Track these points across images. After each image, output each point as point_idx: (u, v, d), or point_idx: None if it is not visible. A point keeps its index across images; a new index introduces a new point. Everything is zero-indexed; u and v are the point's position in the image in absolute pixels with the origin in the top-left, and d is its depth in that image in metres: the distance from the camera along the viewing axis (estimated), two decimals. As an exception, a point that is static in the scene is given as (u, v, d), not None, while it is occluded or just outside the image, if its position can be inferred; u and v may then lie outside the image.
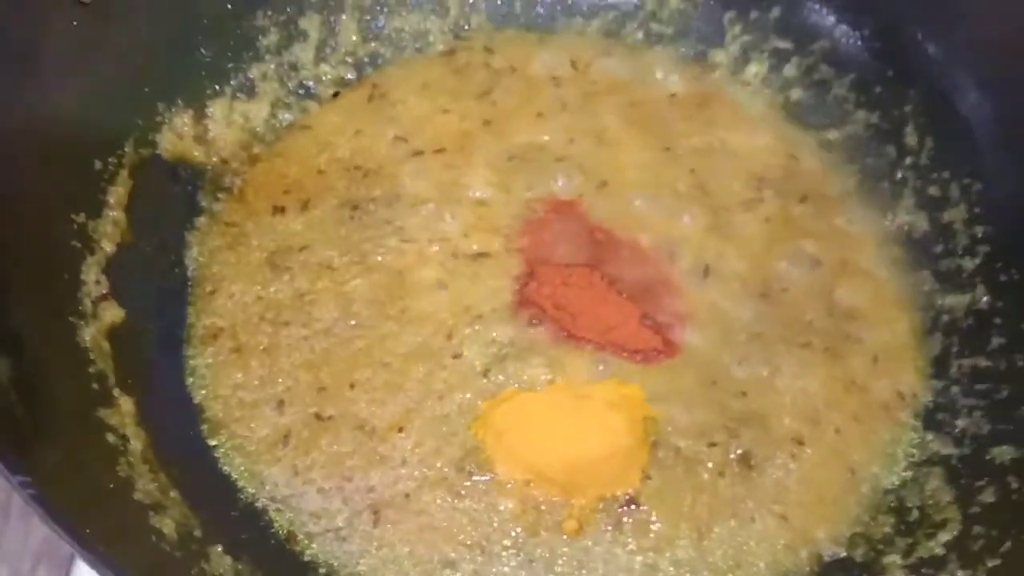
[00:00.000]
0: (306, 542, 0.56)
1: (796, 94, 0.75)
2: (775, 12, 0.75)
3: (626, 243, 0.68)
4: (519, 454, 0.58)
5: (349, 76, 0.76)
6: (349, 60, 0.76)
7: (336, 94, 0.75)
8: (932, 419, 0.61)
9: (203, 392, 0.60)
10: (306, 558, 0.55)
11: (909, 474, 0.60)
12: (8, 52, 0.52)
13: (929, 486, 0.58)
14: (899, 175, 0.70)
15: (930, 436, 0.61)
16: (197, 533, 0.51)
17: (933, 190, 0.69)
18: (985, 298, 0.64)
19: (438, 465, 0.58)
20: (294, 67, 0.74)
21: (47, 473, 0.41)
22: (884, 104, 0.72)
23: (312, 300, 0.64)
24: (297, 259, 0.66)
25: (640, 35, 0.79)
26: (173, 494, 0.51)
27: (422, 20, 0.78)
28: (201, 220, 0.67)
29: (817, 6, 0.73)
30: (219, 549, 0.50)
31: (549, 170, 0.71)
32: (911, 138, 0.70)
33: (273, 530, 0.56)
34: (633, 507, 0.57)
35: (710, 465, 0.59)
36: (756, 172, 0.72)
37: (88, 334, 0.54)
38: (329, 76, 0.75)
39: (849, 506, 0.58)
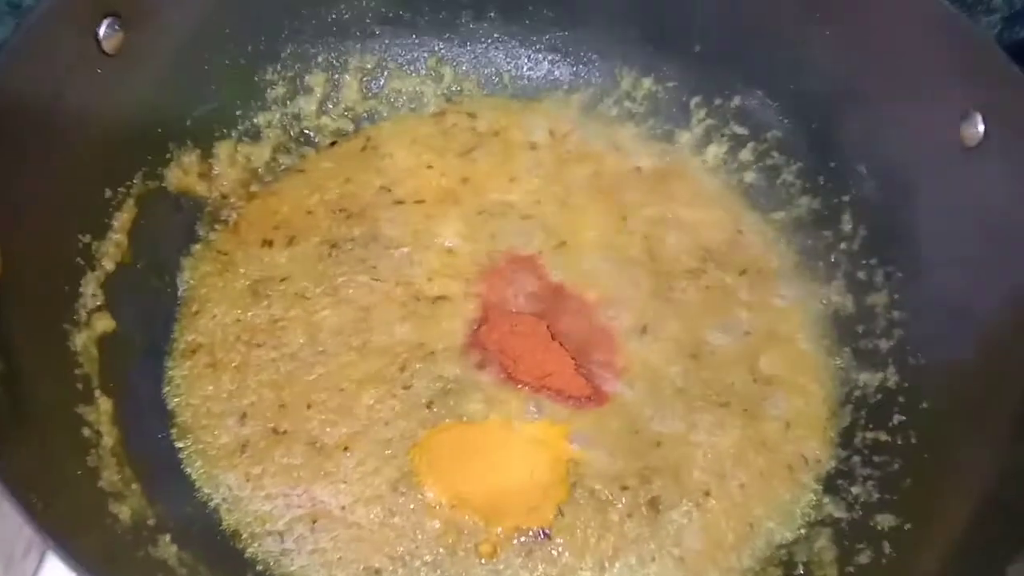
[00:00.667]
0: (249, 540, 0.62)
1: (749, 176, 0.82)
2: (735, 101, 0.82)
3: (575, 298, 0.75)
4: (448, 480, 0.65)
5: (347, 128, 0.84)
6: (348, 115, 0.84)
7: (333, 143, 0.83)
8: (832, 484, 0.66)
9: (176, 400, 0.67)
10: (247, 555, 0.62)
11: (803, 532, 0.65)
12: (39, 92, 0.61)
13: (817, 544, 0.63)
14: (833, 258, 0.76)
15: (827, 499, 0.66)
16: (150, 522, 0.57)
17: (861, 274, 0.74)
18: (894, 378, 0.69)
19: (376, 483, 0.65)
20: (297, 117, 0.82)
21: (16, 457, 0.48)
22: (825, 192, 0.78)
23: (284, 326, 0.71)
24: (277, 288, 0.74)
25: (615, 111, 0.86)
26: (134, 486, 0.58)
27: (419, 83, 0.86)
28: (196, 247, 0.75)
29: (770, 101, 0.80)
30: (167, 538, 0.57)
31: (514, 227, 0.79)
32: (847, 225, 0.76)
33: (221, 527, 0.62)
34: (545, 538, 0.63)
35: (620, 506, 0.64)
36: (703, 244, 0.78)
37: (79, 340, 0.62)
38: (328, 127, 0.83)
39: (743, 556, 0.64)
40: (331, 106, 0.84)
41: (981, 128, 0.63)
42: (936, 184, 0.69)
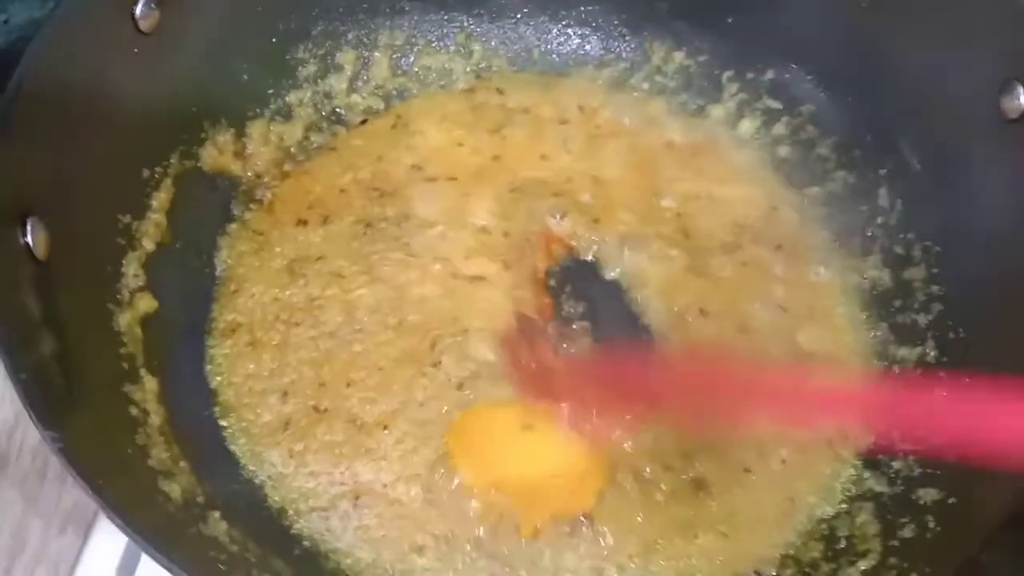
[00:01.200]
0: (295, 517, 0.63)
1: (783, 151, 0.81)
2: (769, 75, 0.81)
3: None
4: (483, 466, 0.65)
5: (377, 106, 0.83)
6: (378, 92, 0.84)
7: (363, 121, 0.83)
8: (872, 458, 0.67)
9: (218, 378, 0.68)
10: (293, 532, 0.62)
11: (844, 507, 0.65)
12: (78, 73, 0.61)
13: (859, 519, 0.63)
14: (870, 232, 0.76)
15: (867, 474, 0.66)
16: (200, 499, 0.58)
17: (899, 249, 0.74)
18: (933, 352, 0.69)
19: (415, 462, 0.65)
20: (328, 96, 0.82)
21: (76, 435, 0.48)
22: (862, 166, 0.77)
23: (321, 305, 0.72)
24: (313, 267, 0.74)
25: (645, 86, 0.85)
26: (182, 464, 0.59)
27: (448, 60, 0.85)
28: (232, 227, 0.75)
29: (806, 74, 0.79)
30: (217, 515, 0.58)
31: (547, 204, 0.78)
32: (883, 199, 0.75)
33: (267, 504, 0.63)
34: (587, 520, 0.63)
35: (663, 487, 0.64)
36: (737, 220, 0.78)
37: (123, 320, 0.62)
38: (359, 105, 0.83)
39: (785, 531, 0.64)
40: (361, 84, 0.83)
41: (1023, 100, 0.63)
42: (975, 157, 0.68)
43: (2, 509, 0.73)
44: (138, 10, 0.64)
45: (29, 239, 0.54)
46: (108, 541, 0.66)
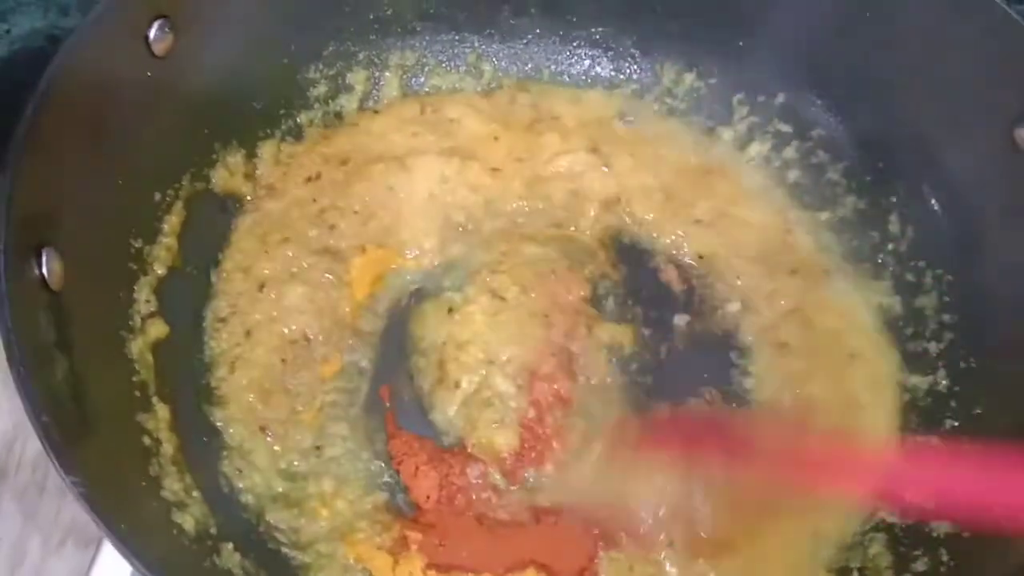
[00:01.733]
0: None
1: (793, 174, 0.81)
2: (780, 98, 0.81)
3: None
4: None
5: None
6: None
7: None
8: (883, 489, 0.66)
9: (229, 405, 0.68)
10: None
11: (856, 537, 0.65)
12: (93, 96, 0.60)
13: (872, 550, 0.64)
14: (880, 259, 0.76)
15: (880, 504, 0.66)
16: (212, 531, 0.58)
17: (910, 276, 0.74)
18: (944, 381, 0.69)
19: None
20: (339, 116, 0.81)
21: (90, 469, 0.48)
22: (872, 192, 0.77)
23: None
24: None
25: (656, 107, 0.85)
26: (195, 494, 0.59)
27: (458, 80, 0.85)
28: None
29: (816, 99, 0.79)
30: (230, 547, 0.57)
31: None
32: (894, 226, 0.76)
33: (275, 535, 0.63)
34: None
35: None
36: (752, 243, 0.78)
37: (135, 347, 0.62)
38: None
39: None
40: (371, 104, 0.83)
41: (1036, 131, 0.63)
42: (987, 187, 0.68)
43: (1, 522, 0.73)
44: (152, 34, 0.63)
45: (44, 270, 0.53)
46: (117, 557, 0.65)
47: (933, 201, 0.72)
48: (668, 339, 0.75)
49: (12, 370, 0.46)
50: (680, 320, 0.76)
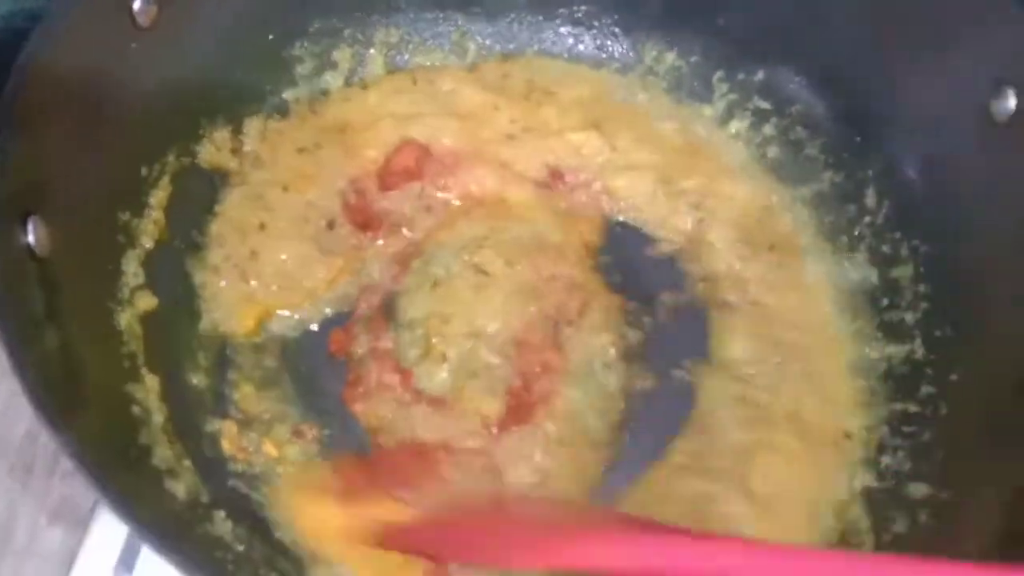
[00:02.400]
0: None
1: (773, 151, 0.82)
2: (759, 75, 0.82)
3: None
4: None
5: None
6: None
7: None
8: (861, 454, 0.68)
9: (218, 377, 0.68)
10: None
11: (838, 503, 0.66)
12: (77, 68, 0.60)
13: (851, 514, 0.65)
14: (857, 232, 0.77)
15: (858, 470, 0.68)
16: (204, 499, 0.58)
17: (886, 248, 0.75)
18: (921, 350, 0.70)
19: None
20: (324, 92, 0.82)
21: (82, 434, 0.48)
22: (849, 167, 0.78)
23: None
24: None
25: (641, 84, 0.86)
26: (186, 463, 0.59)
27: (443, 58, 0.85)
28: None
29: (795, 75, 0.80)
30: (222, 514, 0.58)
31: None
32: (871, 200, 0.77)
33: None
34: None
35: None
36: (732, 218, 0.79)
37: (124, 319, 0.62)
38: (352, 102, 0.83)
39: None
40: (356, 80, 0.83)
41: (1013, 103, 0.64)
42: (964, 160, 0.70)
43: (-9, 502, 0.72)
44: (136, 5, 0.63)
45: (31, 238, 0.53)
46: (107, 535, 0.66)
47: (910, 173, 0.73)
48: (653, 313, 0.76)
49: (3, 339, 0.46)
50: (665, 295, 0.77)
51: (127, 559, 0.65)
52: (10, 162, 0.53)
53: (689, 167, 0.81)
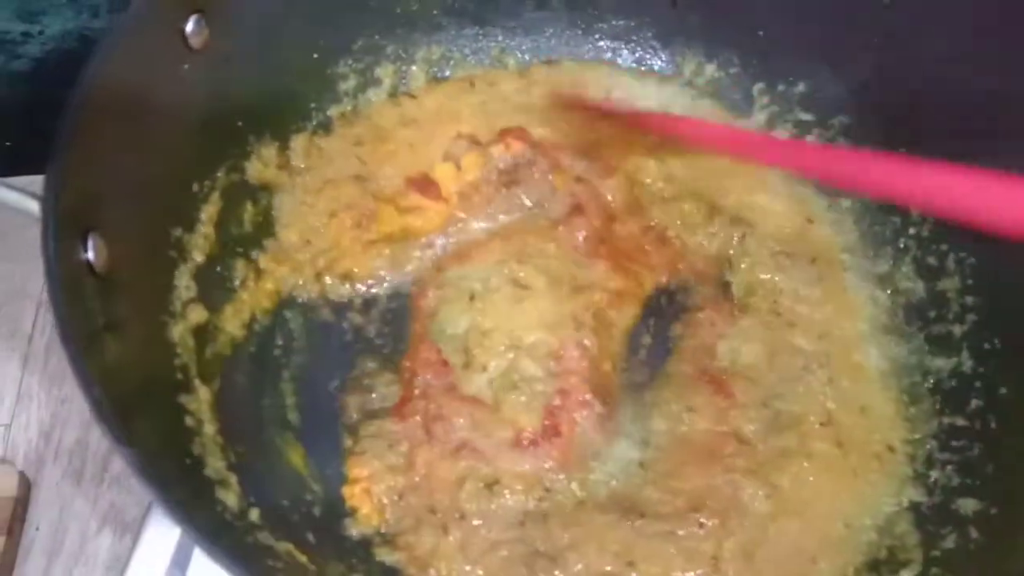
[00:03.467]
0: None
1: (815, 163, 0.82)
2: (800, 87, 0.82)
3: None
4: None
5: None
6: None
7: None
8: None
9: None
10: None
11: (885, 520, 0.66)
12: (133, 89, 0.62)
13: (899, 529, 0.64)
14: (901, 243, 0.77)
15: (906, 485, 0.67)
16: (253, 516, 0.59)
17: (931, 260, 0.74)
18: (969, 363, 0.69)
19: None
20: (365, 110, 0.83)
21: (143, 446, 0.50)
22: (894, 179, 0.78)
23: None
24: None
25: (681, 98, 0.86)
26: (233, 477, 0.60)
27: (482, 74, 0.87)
28: (275, 239, 0.76)
29: (837, 85, 0.80)
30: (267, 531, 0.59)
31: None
32: (915, 211, 0.76)
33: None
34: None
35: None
36: (772, 231, 0.79)
37: (176, 331, 0.64)
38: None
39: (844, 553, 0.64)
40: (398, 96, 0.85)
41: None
42: (1012, 168, 0.68)
43: (40, 511, 0.75)
44: (188, 28, 0.65)
45: (91, 254, 0.55)
46: (159, 542, 0.67)
47: (956, 186, 0.72)
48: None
49: (65, 348, 0.48)
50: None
51: (179, 563, 0.66)
52: (71, 180, 0.54)
53: (728, 180, 0.81)
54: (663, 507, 0.65)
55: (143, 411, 0.54)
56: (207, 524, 0.50)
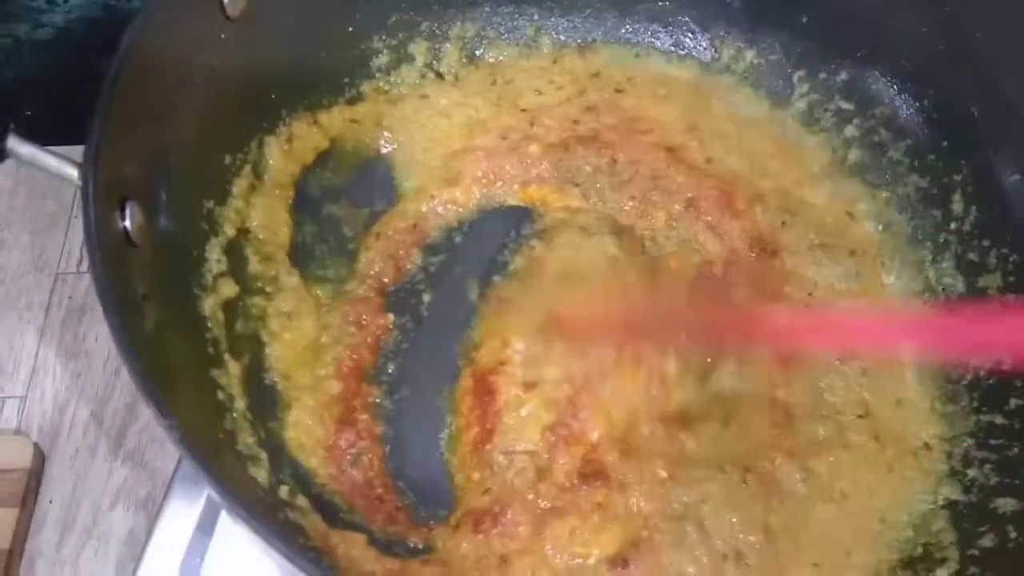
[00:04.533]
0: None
1: (854, 154, 0.80)
2: (842, 75, 0.80)
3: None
4: None
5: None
6: (448, 85, 0.84)
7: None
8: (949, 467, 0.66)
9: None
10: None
11: (921, 517, 0.65)
12: (171, 58, 0.61)
13: (935, 526, 0.63)
14: (942, 239, 0.75)
15: (944, 483, 0.66)
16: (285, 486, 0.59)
17: (972, 255, 0.73)
18: (1009, 361, 0.68)
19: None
20: (399, 85, 0.82)
21: (181, 417, 0.49)
22: (935, 171, 0.76)
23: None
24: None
25: (723, 83, 0.84)
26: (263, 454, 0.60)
27: (517, 53, 0.85)
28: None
29: (881, 75, 0.78)
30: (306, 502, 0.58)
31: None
32: (957, 205, 0.75)
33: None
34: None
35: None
36: (812, 222, 0.78)
37: (207, 305, 0.63)
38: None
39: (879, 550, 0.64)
40: (432, 74, 0.83)
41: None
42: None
43: (53, 484, 0.75)
44: (226, -5, 0.64)
45: (128, 223, 0.54)
46: (178, 520, 0.66)
47: (1004, 180, 0.71)
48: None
49: (107, 318, 0.47)
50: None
51: (199, 543, 0.65)
52: (110, 148, 0.53)
53: (768, 170, 0.80)
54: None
55: (178, 384, 0.53)
56: (247, 499, 0.49)
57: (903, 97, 0.78)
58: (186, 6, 0.62)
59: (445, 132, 0.80)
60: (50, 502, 0.75)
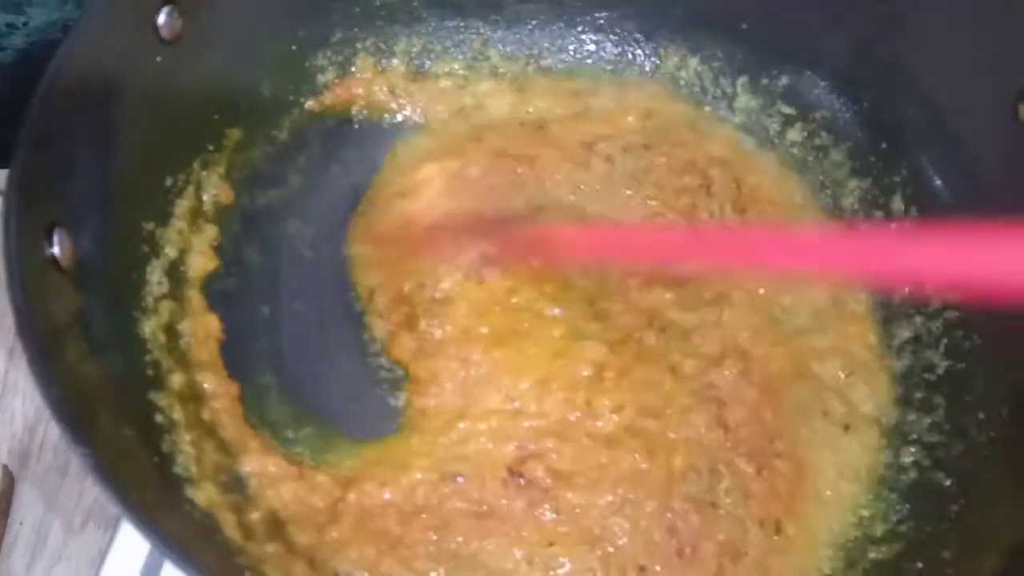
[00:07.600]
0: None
1: (799, 156, 0.81)
2: (783, 80, 0.81)
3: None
4: None
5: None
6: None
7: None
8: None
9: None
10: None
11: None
12: (103, 81, 0.61)
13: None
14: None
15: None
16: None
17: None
18: (945, 363, 0.70)
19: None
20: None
21: (103, 444, 0.49)
22: (877, 172, 0.77)
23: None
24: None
25: (667, 94, 0.85)
26: (207, 470, 0.60)
27: (464, 67, 0.85)
28: (251, 232, 0.76)
29: (819, 80, 0.79)
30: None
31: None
32: (897, 205, 0.76)
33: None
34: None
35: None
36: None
37: (148, 327, 0.63)
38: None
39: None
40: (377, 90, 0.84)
41: (1039, 108, 0.63)
42: (991, 164, 0.69)
43: (23, 505, 0.74)
44: (160, 19, 0.64)
45: (56, 249, 0.54)
46: (134, 540, 0.66)
47: (936, 181, 0.72)
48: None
49: (25, 350, 0.47)
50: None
51: (153, 564, 0.65)
52: (35, 174, 0.54)
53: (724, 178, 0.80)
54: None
55: (109, 409, 0.54)
56: (171, 524, 0.49)
57: (842, 100, 0.79)
58: (118, 29, 0.62)
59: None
60: (20, 524, 0.74)
